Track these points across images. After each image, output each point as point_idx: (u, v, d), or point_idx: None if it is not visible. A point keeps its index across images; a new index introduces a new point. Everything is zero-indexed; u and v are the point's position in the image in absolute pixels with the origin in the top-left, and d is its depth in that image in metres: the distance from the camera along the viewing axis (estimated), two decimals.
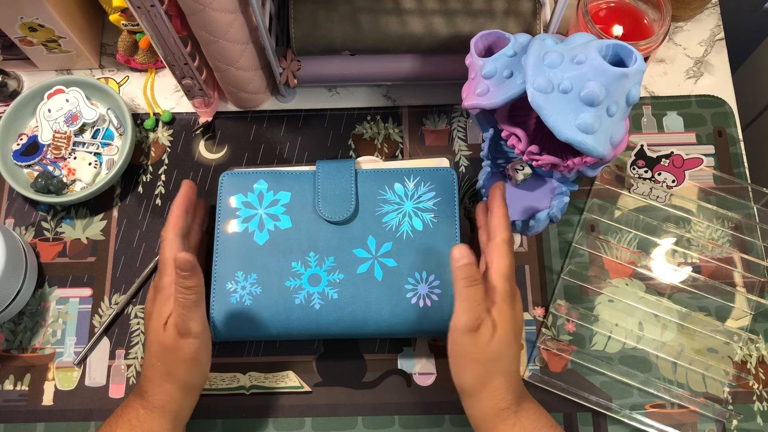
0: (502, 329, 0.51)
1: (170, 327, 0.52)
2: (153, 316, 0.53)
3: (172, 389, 0.53)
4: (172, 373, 0.53)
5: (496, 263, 0.54)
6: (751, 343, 0.62)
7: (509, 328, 0.52)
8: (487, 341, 0.51)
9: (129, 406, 0.53)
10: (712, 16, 0.75)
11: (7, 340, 0.64)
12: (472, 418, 0.53)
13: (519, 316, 0.55)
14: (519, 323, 0.54)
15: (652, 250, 0.65)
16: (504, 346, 0.51)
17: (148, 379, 0.53)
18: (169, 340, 0.52)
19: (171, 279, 0.53)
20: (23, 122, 0.69)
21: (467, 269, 0.51)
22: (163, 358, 0.52)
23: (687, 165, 0.64)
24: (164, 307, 0.53)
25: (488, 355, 0.51)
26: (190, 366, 0.53)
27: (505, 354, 0.52)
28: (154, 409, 0.52)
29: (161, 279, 0.54)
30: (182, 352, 0.52)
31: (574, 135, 0.51)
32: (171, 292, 0.53)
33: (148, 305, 0.55)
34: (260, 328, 0.59)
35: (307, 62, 0.67)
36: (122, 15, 0.67)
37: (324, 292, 0.59)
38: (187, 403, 0.55)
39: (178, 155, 0.70)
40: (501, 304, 0.52)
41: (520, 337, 0.54)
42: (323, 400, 0.61)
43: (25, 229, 0.68)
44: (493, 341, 0.51)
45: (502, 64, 0.55)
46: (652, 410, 0.60)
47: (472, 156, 0.70)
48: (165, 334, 0.52)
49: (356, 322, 0.59)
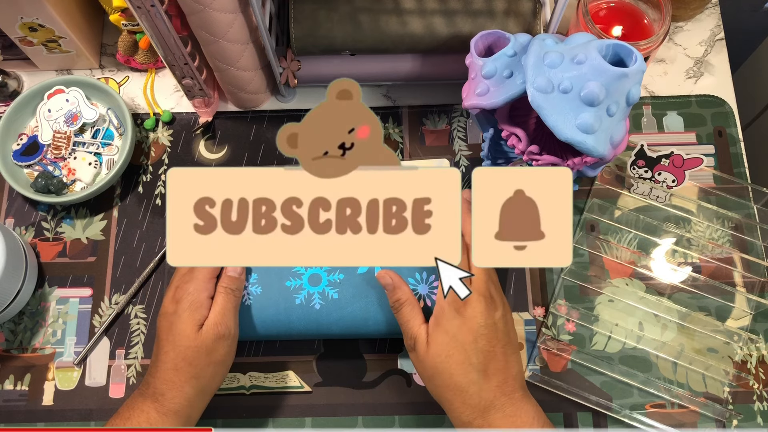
0: (435, 342, 0.51)
1: (209, 330, 0.53)
2: (182, 321, 0.53)
3: (193, 393, 0.53)
4: (200, 376, 0.53)
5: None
6: (751, 343, 0.62)
7: (444, 340, 0.51)
8: (423, 357, 0.52)
9: (138, 408, 0.53)
10: (712, 16, 0.75)
11: (7, 340, 0.64)
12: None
13: (471, 323, 0.50)
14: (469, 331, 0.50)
15: (652, 250, 0.65)
16: (439, 360, 0.50)
17: (167, 382, 0.52)
18: (207, 342, 0.53)
19: (199, 285, 0.54)
20: (23, 122, 0.69)
21: (392, 295, 0.54)
22: (196, 362, 0.53)
23: (687, 165, 0.64)
24: (196, 312, 0.53)
25: (428, 370, 0.52)
26: (221, 369, 0.55)
27: (442, 368, 0.50)
28: (168, 413, 0.52)
29: (186, 286, 0.54)
30: (218, 353, 0.53)
31: (574, 135, 0.51)
32: (202, 299, 0.54)
33: (168, 314, 0.54)
34: (260, 328, 0.59)
35: (307, 62, 0.67)
36: (122, 15, 0.67)
37: (324, 292, 0.59)
38: (201, 407, 0.55)
39: (178, 155, 0.70)
40: (439, 316, 0.52)
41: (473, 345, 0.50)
42: (323, 400, 0.61)
43: (25, 229, 0.68)
44: (428, 356, 0.51)
45: (502, 64, 0.55)
46: (652, 410, 0.60)
47: (472, 156, 0.70)
48: (201, 337, 0.53)
49: (356, 322, 0.59)
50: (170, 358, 0.53)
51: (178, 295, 0.54)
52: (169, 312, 0.54)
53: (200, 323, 0.53)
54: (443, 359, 0.50)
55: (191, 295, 0.54)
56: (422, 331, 0.52)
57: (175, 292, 0.55)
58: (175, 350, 0.53)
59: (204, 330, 0.53)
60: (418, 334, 0.52)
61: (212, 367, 0.54)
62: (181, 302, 0.54)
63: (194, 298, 0.54)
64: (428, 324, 0.53)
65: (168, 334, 0.54)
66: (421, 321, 0.53)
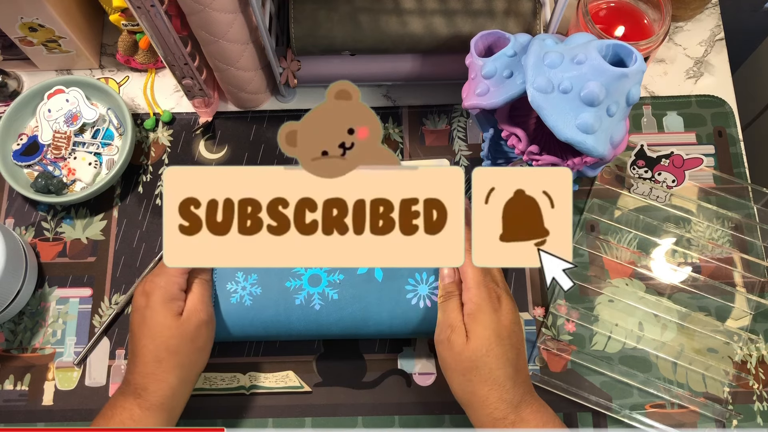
0: (476, 336, 0.51)
1: (191, 317, 0.53)
2: (157, 313, 0.53)
3: (177, 383, 0.53)
4: (184, 365, 0.53)
5: (468, 272, 0.53)
6: (751, 343, 0.62)
7: (485, 334, 0.51)
8: (460, 350, 0.51)
9: (119, 406, 0.52)
10: (712, 16, 0.75)
11: (7, 340, 0.64)
12: (474, 427, 0.53)
13: (505, 320, 0.52)
14: (505, 327, 0.52)
15: (652, 250, 0.65)
16: (480, 354, 0.50)
17: (148, 375, 0.52)
18: (190, 329, 0.53)
19: (169, 279, 0.54)
20: (23, 122, 0.69)
21: (446, 286, 0.55)
22: (180, 350, 0.53)
23: (687, 165, 0.64)
24: (172, 303, 0.53)
25: (464, 364, 0.51)
26: (203, 355, 0.55)
27: (483, 362, 0.50)
28: (152, 407, 0.52)
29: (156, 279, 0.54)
30: (201, 339, 0.54)
31: (574, 135, 0.51)
32: (174, 290, 0.54)
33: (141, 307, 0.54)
34: (260, 329, 0.59)
35: (307, 62, 0.67)
36: (122, 15, 0.67)
37: (324, 292, 0.59)
38: (184, 398, 0.55)
39: (178, 155, 0.70)
40: (475, 311, 0.52)
41: (509, 341, 0.52)
42: (323, 400, 0.61)
43: (25, 229, 0.68)
44: (467, 350, 0.51)
45: (502, 64, 0.55)
46: (652, 410, 0.60)
47: (472, 156, 0.70)
48: (183, 325, 0.53)
49: (356, 323, 0.59)
50: (150, 351, 0.52)
51: (148, 289, 0.54)
52: (141, 306, 0.54)
53: (178, 312, 0.53)
54: (484, 353, 0.50)
55: (162, 288, 0.53)
56: (462, 324, 0.52)
57: (144, 287, 0.54)
58: (154, 342, 0.52)
59: (185, 317, 0.53)
60: (458, 326, 0.52)
61: (195, 354, 0.54)
62: (152, 295, 0.53)
63: (166, 290, 0.53)
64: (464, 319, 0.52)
65: (143, 328, 0.53)
66: (462, 316, 0.53)
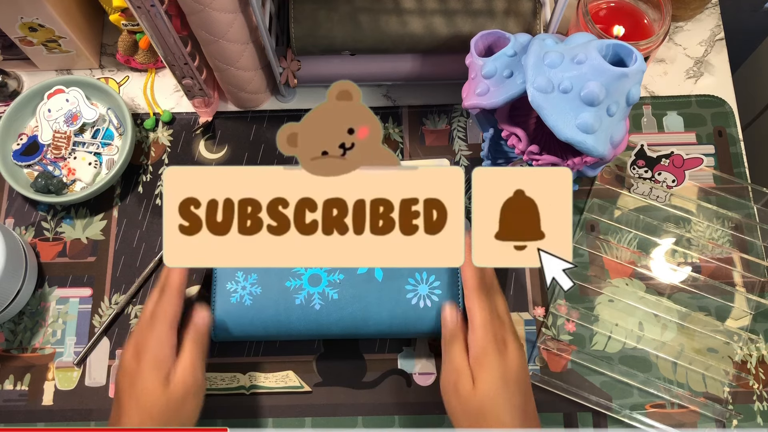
0: (482, 381, 0.50)
1: (177, 386, 0.50)
2: (144, 379, 0.50)
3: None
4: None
5: (472, 314, 0.52)
6: (751, 343, 0.62)
7: (491, 378, 0.50)
8: (468, 397, 0.50)
9: None
10: (712, 16, 0.75)
11: (7, 340, 0.64)
12: None
13: (512, 364, 0.51)
14: (511, 371, 0.51)
15: (652, 250, 0.65)
16: (487, 399, 0.50)
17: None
18: (176, 398, 0.50)
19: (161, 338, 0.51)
20: (23, 122, 0.69)
21: (449, 330, 0.54)
22: (164, 418, 0.50)
23: (687, 165, 0.64)
24: (161, 367, 0.51)
25: (472, 411, 0.50)
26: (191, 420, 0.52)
27: (489, 407, 0.50)
28: None
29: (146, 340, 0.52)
30: (186, 409, 0.51)
31: (574, 135, 0.51)
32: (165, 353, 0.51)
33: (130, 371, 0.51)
34: (260, 328, 0.59)
35: (307, 62, 0.67)
36: (122, 15, 0.67)
37: (324, 292, 0.59)
38: None
39: (178, 155, 0.70)
40: (481, 355, 0.51)
41: (516, 385, 0.51)
42: (323, 400, 0.61)
43: (25, 229, 0.68)
44: (474, 396, 0.50)
45: (502, 64, 0.55)
46: (652, 410, 0.60)
47: (472, 156, 0.70)
48: (168, 393, 0.50)
49: (356, 323, 0.59)
50: (135, 415, 0.50)
51: (138, 350, 0.51)
52: (130, 369, 0.51)
53: (166, 378, 0.51)
54: (491, 399, 0.50)
55: (153, 350, 0.51)
56: (468, 369, 0.51)
57: (135, 347, 0.52)
58: (138, 408, 0.50)
59: (172, 387, 0.50)
60: (464, 371, 0.51)
61: (181, 421, 0.51)
62: (142, 359, 0.51)
63: (156, 353, 0.51)
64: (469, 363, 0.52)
65: (130, 393, 0.50)
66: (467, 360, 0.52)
